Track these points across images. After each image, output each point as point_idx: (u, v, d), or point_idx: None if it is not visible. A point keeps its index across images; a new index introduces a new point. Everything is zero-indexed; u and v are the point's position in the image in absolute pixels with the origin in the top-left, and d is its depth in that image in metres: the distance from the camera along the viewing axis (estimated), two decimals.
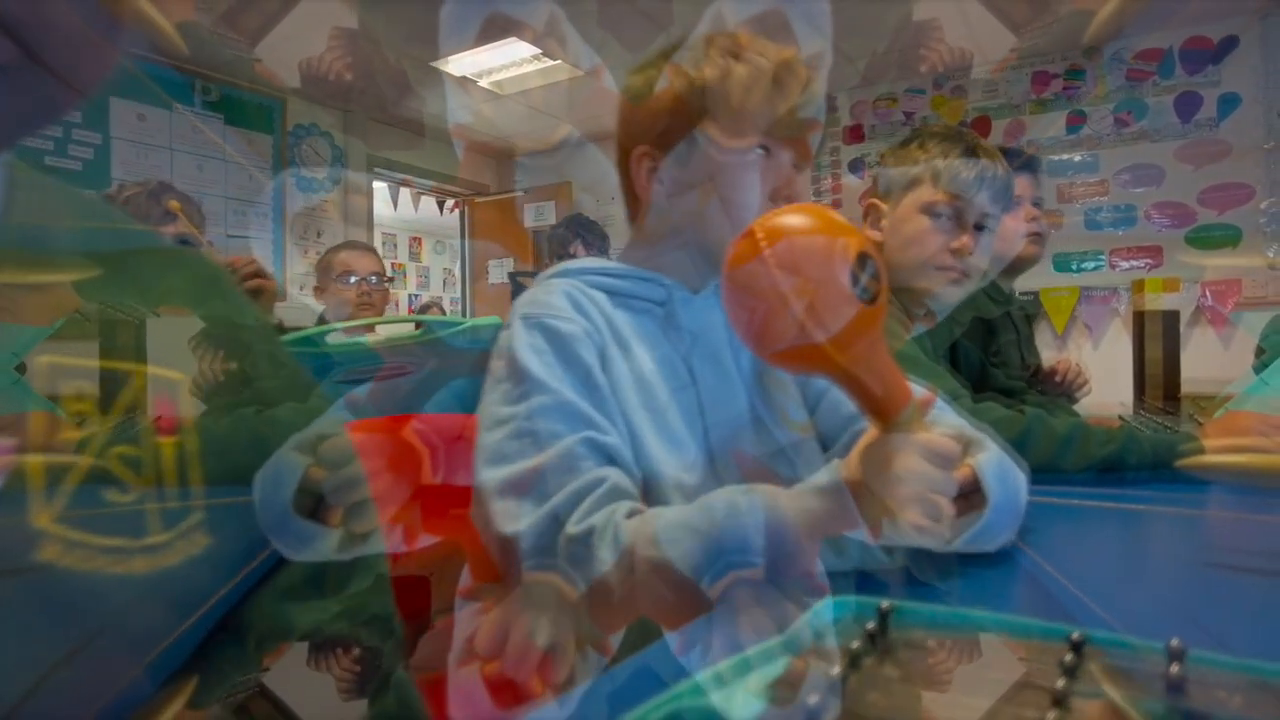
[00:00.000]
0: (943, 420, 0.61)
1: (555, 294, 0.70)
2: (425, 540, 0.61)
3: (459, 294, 6.70)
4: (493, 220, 5.94)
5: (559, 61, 4.08)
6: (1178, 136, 3.76)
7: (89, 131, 3.72)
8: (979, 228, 1.07)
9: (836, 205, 4.58)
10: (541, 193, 5.68)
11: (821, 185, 4.67)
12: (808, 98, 0.71)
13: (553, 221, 5.60)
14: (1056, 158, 4.07)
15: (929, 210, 1.06)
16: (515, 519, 0.58)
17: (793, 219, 0.45)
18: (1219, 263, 3.66)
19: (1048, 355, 1.71)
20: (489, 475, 0.60)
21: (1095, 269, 3.95)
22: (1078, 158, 4.03)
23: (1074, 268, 4.00)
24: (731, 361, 0.73)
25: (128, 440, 0.32)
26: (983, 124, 4.26)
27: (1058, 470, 0.85)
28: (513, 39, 3.82)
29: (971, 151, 1.06)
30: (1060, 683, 0.26)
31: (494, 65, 4.14)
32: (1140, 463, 0.84)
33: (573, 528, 0.56)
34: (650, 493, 0.65)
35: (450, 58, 4.05)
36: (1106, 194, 3.96)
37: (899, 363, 0.98)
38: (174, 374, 0.35)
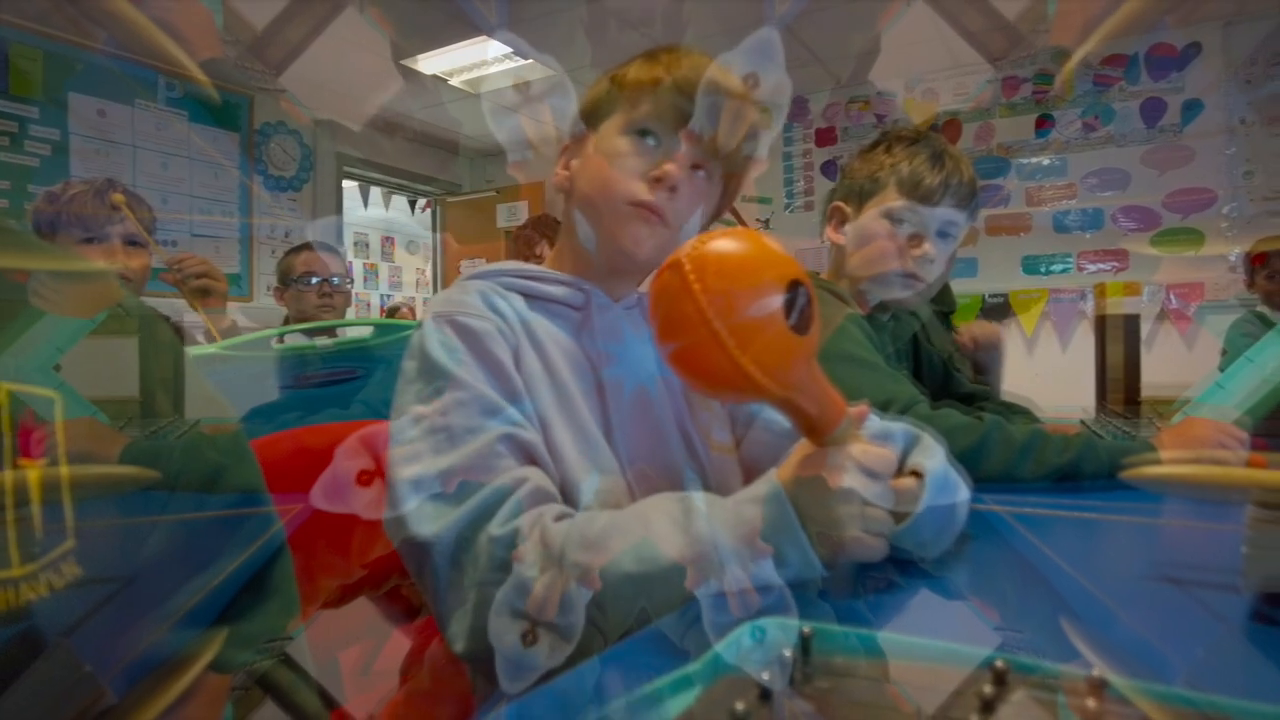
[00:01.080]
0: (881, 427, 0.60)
1: (469, 293, 0.69)
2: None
3: (431, 294, 6.64)
4: (465, 220, 5.89)
5: (530, 61, 4.06)
6: (1143, 141, 3.82)
7: (47, 128, 3.62)
8: (942, 235, 1.06)
9: (808, 208, 4.60)
10: (514, 192, 5.64)
11: (795, 187, 4.69)
12: (709, 99, 0.69)
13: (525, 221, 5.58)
14: (1026, 161, 4.11)
15: (891, 216, 1.06)
16: (432, 520, 0.56)
17: (721, 247, 0.43)
18: (1184, 270, 3.71)
19: (1015, 355, 1.71)
20: (403, 475, 0.58)
21: (1063, 271, 4.00)
22: (1046, 161, 4.08)
23: (1043, 270, 4.04)
24: (653, 375, 0.72)
25: None
26: (953, 127, 4.30)
27: (1015, 478, 0.85)
28: (484, 38, 3.80)
29: (937, 158, 1.05)
30: (977, 710, 0.24)
31: (466, 64, 4.11)
32: (1098, 471, 0.83)
33: (496, 529, 0.55)
34: (562, 491, 0.63)
35: (421, 56, 4.00)
36: (1075, 197, 4.01)
37: (857, 369, 0.97)
38: (47, 392, 0.33)
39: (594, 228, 0.72)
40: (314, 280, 2.04)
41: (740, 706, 0.24)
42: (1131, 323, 1.64)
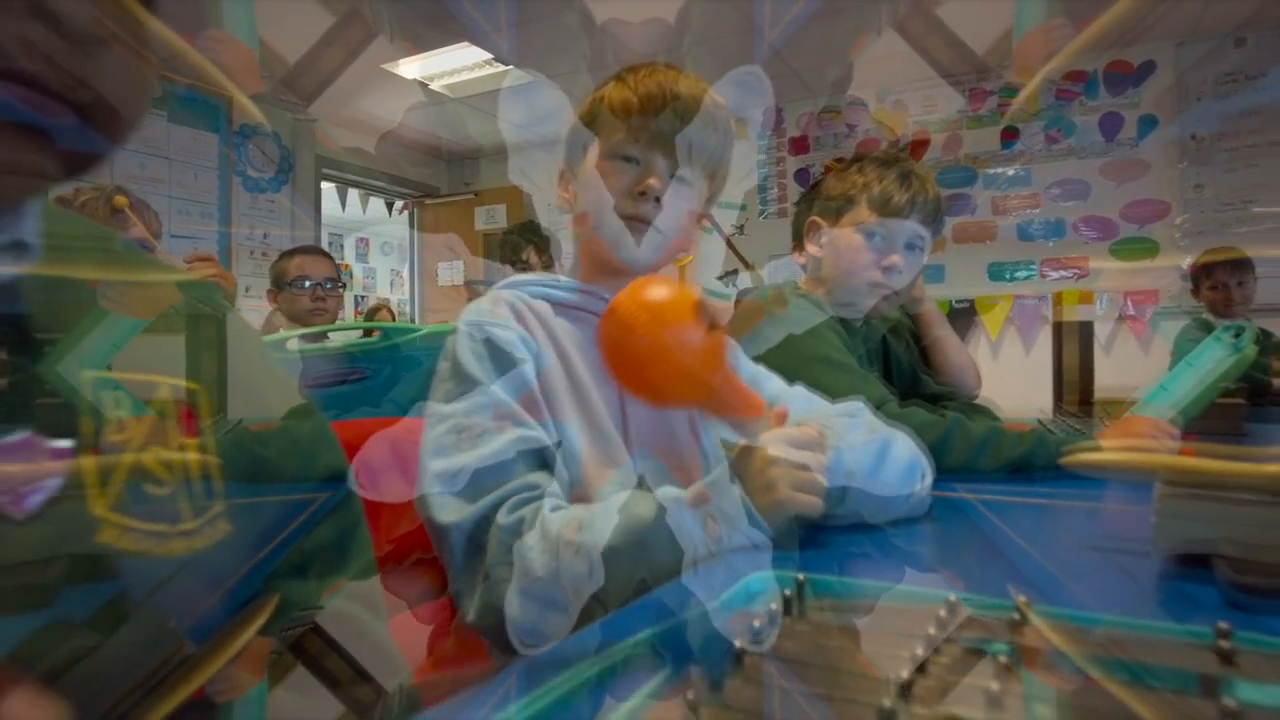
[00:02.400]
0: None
1: (499, 304, 0.77)
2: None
3: (406, 295, 6.65)
4: (443, 222, 5.92)
5: (510, 67, 4.12)
6: (1102, 154, 3.98)
7: None
8: (910, 247, 1.16)
9: (782, 214, 4.71)
10: (492, 195, 5.69)
11: (768, 194, 4.79)
12: (677, 114, 0.77)
13: (504, 224, 5.62)
14: (992, 171, 4.26)
15: (864, 230, 1.15)
16: (452, 511, 0.65)
17: (644, 293, 0.56)
18: (1140, 278, 3.87)
19: (980, 359, 1.80)
20: (430, 466, 0.66)
21: (1027, 278, 4.15)
22: (1011, 171, 4.22)
23: (1007, 276, 4.18)
24: None
25: (160, 443, 0.36)
26: (922, 137, 4.44)
27: (975, 469, 0.94)
28: (465, 44, 3.85)
29: (905, 178, 1.15)
30: (932, 630, 0.32)
31: (446, 69, 4.15)
32: (1048, 463, 0.94)
33: (503, 518, 0.63)
34: (577, 488, 0.71)
35: (402, 61, 4.04)
36: (1038, 207, 4.16)
37: (833, 371, 1.06)
38: (192, 384, 0.40)
39: (598, 241, 0.80)
40: (307, 284, 2.09)
41: (721, 670, 0.32)
42: (1086, 328, 1.75)
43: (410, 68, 4.14)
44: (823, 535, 0.66)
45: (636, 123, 0.78)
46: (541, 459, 0.69)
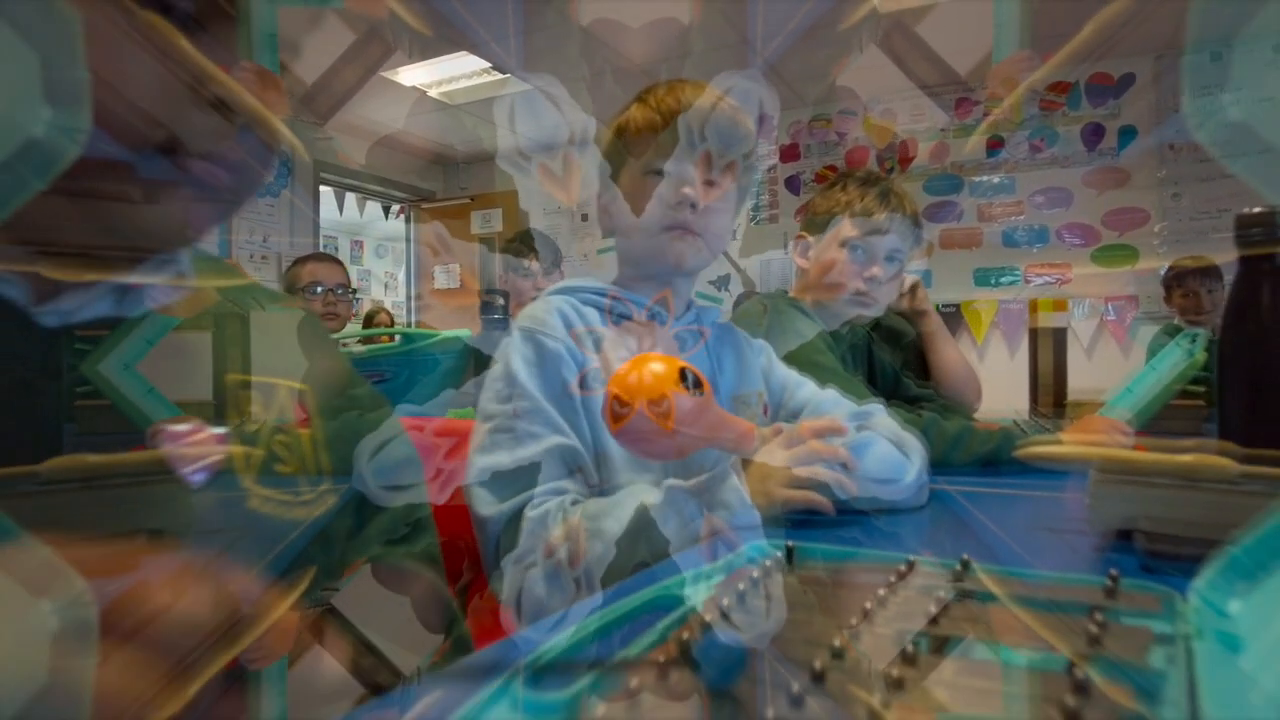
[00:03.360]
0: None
1: (551, 312, 0.84)
2: None
3: (401, 298, 6.72)
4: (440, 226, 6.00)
5: (508, 76, 4.20)
6: (1084, 163, 4.10)
7: None
8: (889, 259, 1.26)
9: (773, 220, 4.81)
10: (488, 199, 5.77)
11: (759, 200, 4.90)
12: (701, 127, 0.85)
13: (499, 228, 5.70)
14: (978, 179, 4.37)
15: (846, 244, 1.25)
16: (491, 504, 0.74)
17: (635, 375, 0.65)
18: (1122, 283, 3.99)
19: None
20: (475, 461, 0.75)
21: (1012, 283, 4.26)
22: (996, 179, 4.34)
23: (992, 282, 4.29)
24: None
25: (282, 431, 0.45)
26: (910, 146, 4.55)
27: (949, 463, 1.04)
28: (463, 52, 3.93)
29: (884, 196, 1.25)
30: (893, 578, 0.42)
31: (445, 76, 4.24)
32: (1013, 458, 1.04)
33: (531, 511, 0.72)
34: (611, 490, 0.79)
35: (401, 68, 4.12)
36: (1022, 214, 4.27)
37: (820, 374, 1.16)
38: (302, 385, 0.50)
39: (642, 252, 0.88)
40: (319, 289, 2.17)
41: (725, 600, 0.41)
42: (1060, 335, 1.84)
43: (409, 75, 4.22)
44: (816, 518, 0.75)
45: (664, 138, 0.85)
46: (573, 463, 0.77)
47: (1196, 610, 0.37)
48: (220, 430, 0.41)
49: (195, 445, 0.37)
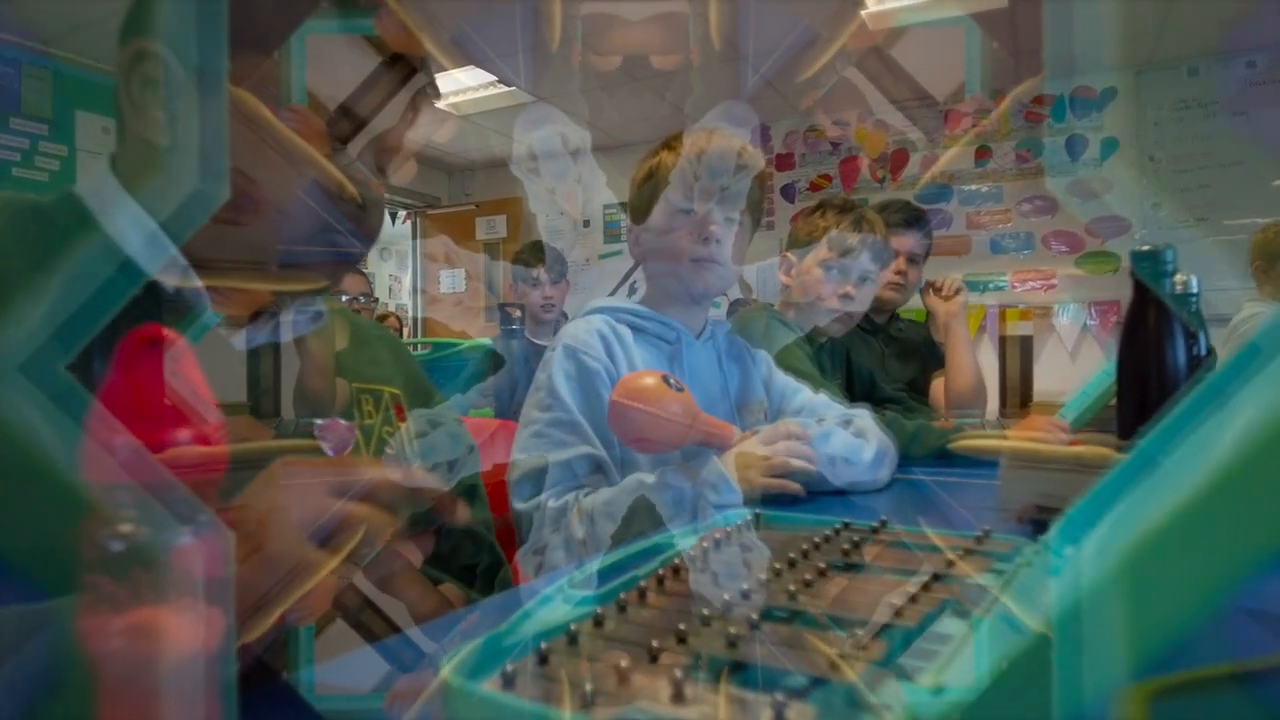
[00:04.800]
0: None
1: (591, 332, 0.98)
2: None
3: (405, 301, 6.89)
4: (445, 232, 6.16)
5: (513, 88, 4.37)
6: (1068, 173, 4.26)
7: (55, 144, 3.83)
8: (861, 279, 1.42)
9: (770, 227, 4.97)
10: (492, 206, 5.93)
11: None
12: (720, 171, 0.99)
13: (503, 234, 5.87)
14: (967, 188, 4.53)
15: (823, 265, 1.41)
16: (525, 499, 0.90)
17: (630, 384, 0.78)
18: (1105, 289, 4.15)
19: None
20: (515, 459, 0.90)
21: (999, 289, 4.42)
22: (985, 188, 4.50)
23: (981, 288, 4.45)
24: (720, 395, 1.04)
25: (388, 424, 0.61)
26: (901, 155, 4.71)
27: (908, 456, 1.20)
28: (470, 66, 4.09)
29: (858, 222, 1.41)
30: (830, 532, 0.57)
31: (452, 89, 4.40)
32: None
33: (553, 503, 0.88)
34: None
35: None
36: (1010, 222, 4.43)
37: (800, 378, 1.31)
38: (397, 390, 0.66)
39: (671, 280, 1.03)
40: (344, 298, 2.33)
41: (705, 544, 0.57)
42: (1026, 342, 2.00)
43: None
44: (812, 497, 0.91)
45: (691, 182, 0.99)
46: (597, 468, 0.92)
47: (1037, 552, 0.53)
48: (352, 423, 0.56)
49: (341, 431, 0.53)
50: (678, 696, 0.29)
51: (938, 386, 2.08)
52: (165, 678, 0.25)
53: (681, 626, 0.36)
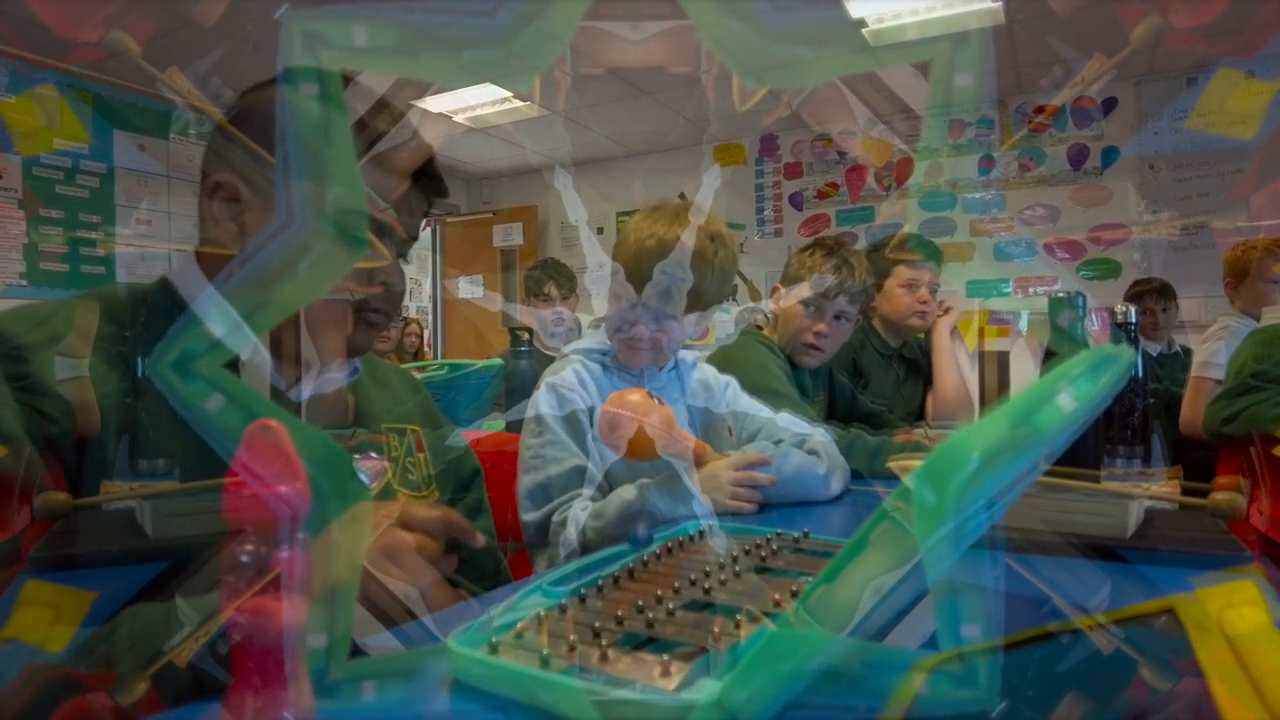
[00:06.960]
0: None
1: (569, 373, 1.12)
2: None
3: (425, 304, 7.09)
4: (463, 238, 6.35)
5: (529, 103, 4.52)
6: (1070, 182, 4.35)
7: (95, 162, 4.03)
8: (837, 318, 1.56)
9: (778, 234, 5.10)
10: (509, 214, 6.10)
11: (764, 215, 5.19)
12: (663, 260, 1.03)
13: (519, 241, 6.04)
14: (970, 196, 4.63)
15: (804, 303, 1.55)
16: (531, 510, 1.05)
17: (619, 400, 0.92)
18: (1106, 295, 4.24)
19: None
20: (521, 479, 1.06)
21: (1002, 295, 4.52)
22: (988, 196, 4.60)
23: (984, 294, 4.55)
24: (684, 421, 1.18)
25: (410, 456, 0.77)
26: (906, 164, 4.82)
27: (871, 471, 1.33)
28: (487, 83, 4.26)
29: (839, 266, 1.55)
30: (761, 541, 0.72)
31: (471, 104, 4.56)
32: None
33: (557, 517, 1.03)
34: (610, 489, 1.10)
35: (429, 97, 4.45)
36: (1012, 229, 4.53)
37: (776, 399, 1.45)
38: (416, 427, 0.82)
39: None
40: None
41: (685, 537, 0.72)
42: (1003, 357, 2.13)
43: (436, 103, 4.55)
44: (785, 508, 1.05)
45: (631, 269, 1.07)
46: (586, 477, 1.07)
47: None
48: (383, 457, 0.72)
49: (375, 464, 0.68)
50: (603, 659, 0.44)
51: (929, 399, 2.23)
52: (274, 638, 0.40)
53: (619, 613, 0.51)
